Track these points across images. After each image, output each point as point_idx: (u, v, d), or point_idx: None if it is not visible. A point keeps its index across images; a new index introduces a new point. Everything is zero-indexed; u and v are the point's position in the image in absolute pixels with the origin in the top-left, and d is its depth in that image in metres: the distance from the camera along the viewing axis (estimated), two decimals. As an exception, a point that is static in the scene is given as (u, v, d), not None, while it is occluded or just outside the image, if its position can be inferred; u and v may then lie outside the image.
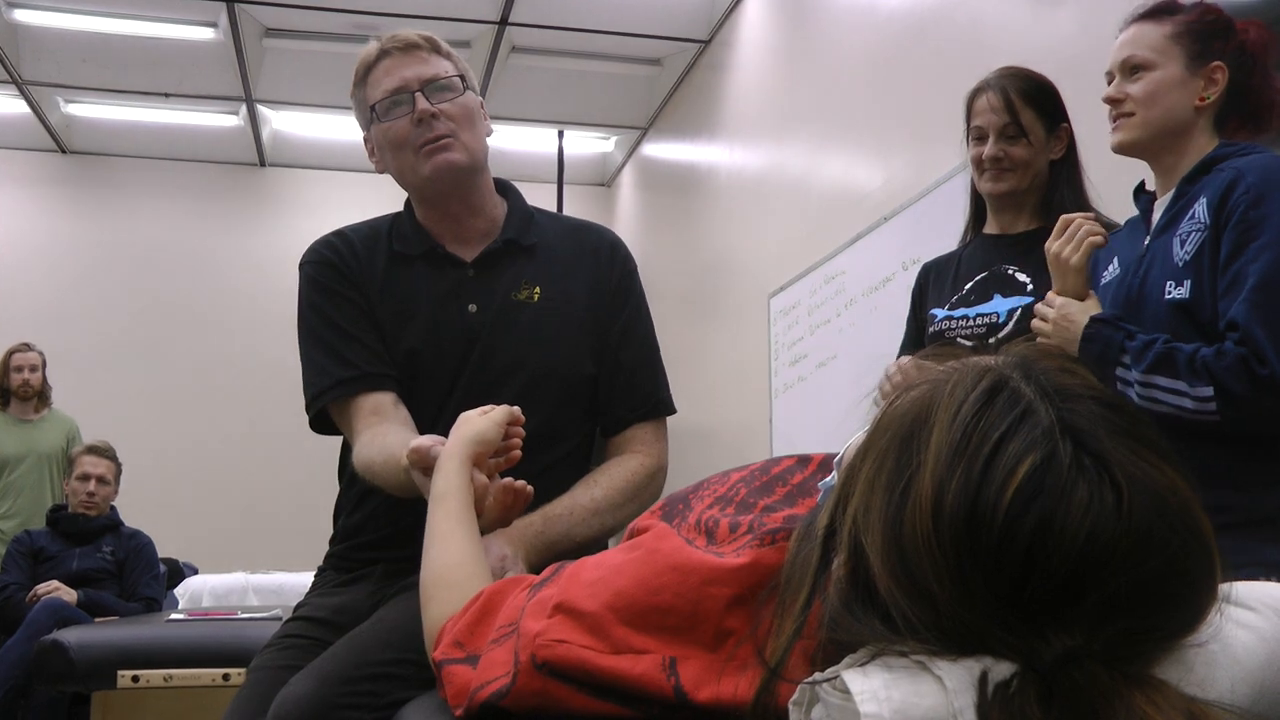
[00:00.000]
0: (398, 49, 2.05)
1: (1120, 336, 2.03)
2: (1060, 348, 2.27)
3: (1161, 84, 2.09)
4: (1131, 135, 2.13)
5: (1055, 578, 0.77)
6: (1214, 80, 2.09)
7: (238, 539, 8.05)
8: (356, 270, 2.10)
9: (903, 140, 4.89)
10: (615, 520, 1.95)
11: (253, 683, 1.91)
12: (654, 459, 2.09)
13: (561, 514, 1.89)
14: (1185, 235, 2.03)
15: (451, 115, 2.04)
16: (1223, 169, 2.03)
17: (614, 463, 2.07)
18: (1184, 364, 1.93)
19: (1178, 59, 2.09)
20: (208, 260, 9.09)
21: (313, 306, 2.11)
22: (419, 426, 2.00)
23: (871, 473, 0.87)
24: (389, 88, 2.04)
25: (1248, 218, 1.93)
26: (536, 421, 2.02)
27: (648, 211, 9.14)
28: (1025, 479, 0.78)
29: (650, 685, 1.01)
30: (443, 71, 2.06)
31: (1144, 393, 1.99)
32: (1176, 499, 0.81)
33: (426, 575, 1.45)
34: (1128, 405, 0.87)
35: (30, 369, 6.06)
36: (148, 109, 8.44)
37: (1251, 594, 0.91)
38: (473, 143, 2.07)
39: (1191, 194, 2.07)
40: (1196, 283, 1.99)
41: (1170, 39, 2.10)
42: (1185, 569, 0.80)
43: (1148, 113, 2.10)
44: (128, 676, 3.45)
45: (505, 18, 7.13)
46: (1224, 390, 1.90)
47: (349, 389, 2.03)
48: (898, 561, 0.82)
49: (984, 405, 0.83)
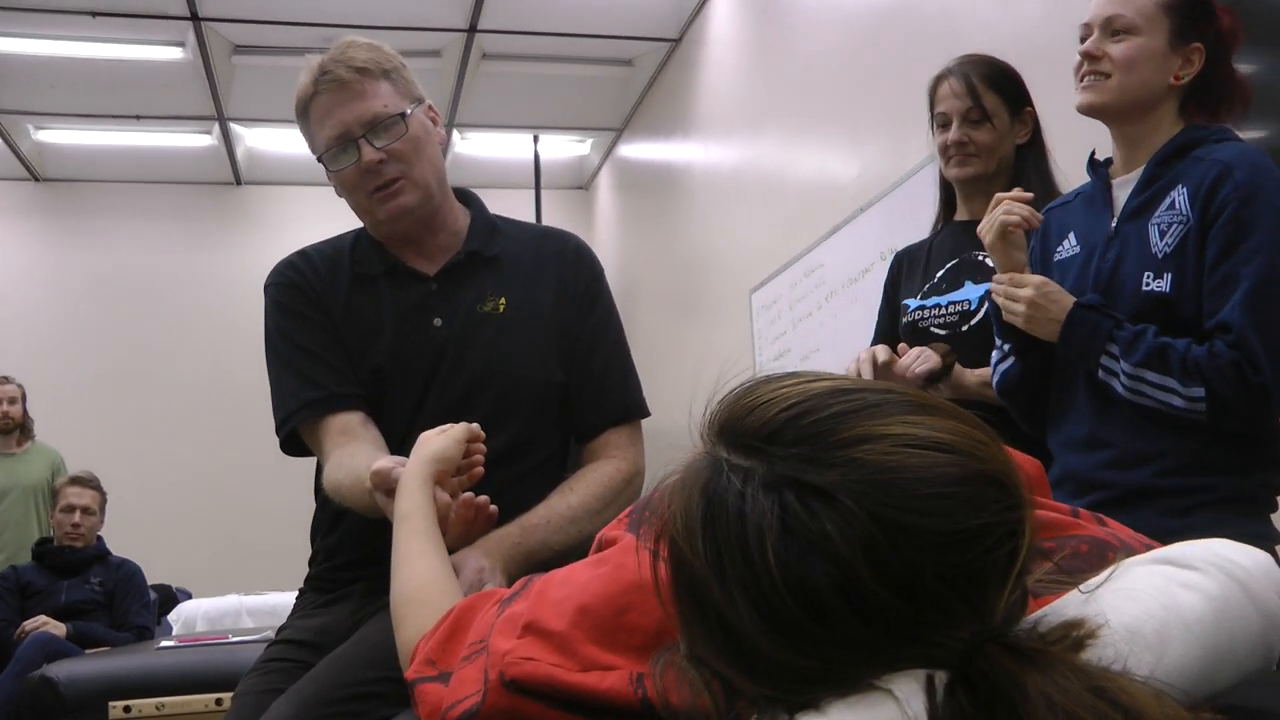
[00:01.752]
0: (330, 88, 1.99)
1: (1109, 325, 1.99)
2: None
3: (1144, 51, 2.04)
4: (1104, 98, 2.07)
5: (879, 605, 0.78)
6: (1191, 61, 2.05)
7: (229, 561, 8.03)
8: (320, 291, 2.08)
9: (876, 130, 4.90)
10: (593, 527, 1.92)
11: (237, 709, 1.90)
12: (629, 463, 2.07)
13: (538, 523, 1.88)
14: (1165, 226, 1.99)
15: (399, 154, 2.00)
16: (1201, 158, 1.99)
17: (589, 469, 2.05)
18: (1177, 362, 1.90)
19: (1164, 31, 2.04)
20: (188, 283, 9.07)
21: (278, 328, 2.10)
22: (389, 443, 1.99)
23: (685, 625, 0.89)
24: (331, 135, 1.99)
25: (1239, 217, 1.90)
26: (509, 432, 2.02)
27: (626, 213, 9.14)
28: (777, 549, 0.79)
29: (618, 699, 1.01)
30: (382, 107, 1.99)
31: (1131, 384, 1.97)
32: (895, 459, 0.80)
33: (396, 596, 1.44)
34: (818, 407, 0.86)
35: (9, 401, 6.04)
36: (120, 132, 8.43)
37: (1193, 553, 0.91)
38: (424, 175, 2.03)
39: (1166, 179, 2.03)
40: (1179, 278, 1.96)
41: (1160, 8, 2.05)
42: (974, 516, 0.79)
43: (1125, 78, 2.05)
44: (119, 707, 3.44)
45: (474, 25, 7.12)
46: (1216, 394, 1.88)
47: (317, 410, 2.02)
48: (769, 668, 0.82)
49: (707, 520, 0.84)
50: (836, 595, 0.77)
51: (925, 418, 0.83)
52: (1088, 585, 0.87)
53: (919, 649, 0.78)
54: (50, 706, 3.47)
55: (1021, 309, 2.08)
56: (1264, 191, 1.91)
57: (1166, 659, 0.82)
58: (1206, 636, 0.85)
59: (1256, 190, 1.91)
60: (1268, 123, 2.74)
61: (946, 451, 0.81)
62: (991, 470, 0.81)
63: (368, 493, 1.73)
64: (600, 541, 1.23)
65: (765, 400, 0.87)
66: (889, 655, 0.78)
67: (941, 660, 0.77)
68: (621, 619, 1.05)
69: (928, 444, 0.81)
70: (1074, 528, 1.08)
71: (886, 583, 0.77)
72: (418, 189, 2.02)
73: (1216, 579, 0.88)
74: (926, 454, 0.80)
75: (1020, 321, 2.09)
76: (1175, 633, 0.83)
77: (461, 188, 2.21)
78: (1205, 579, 0.88)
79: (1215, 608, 0.86)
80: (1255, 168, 1.94)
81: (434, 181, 2.06)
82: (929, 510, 0.78)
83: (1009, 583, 0.80)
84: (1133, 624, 0.83)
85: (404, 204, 2.02)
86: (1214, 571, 0.88)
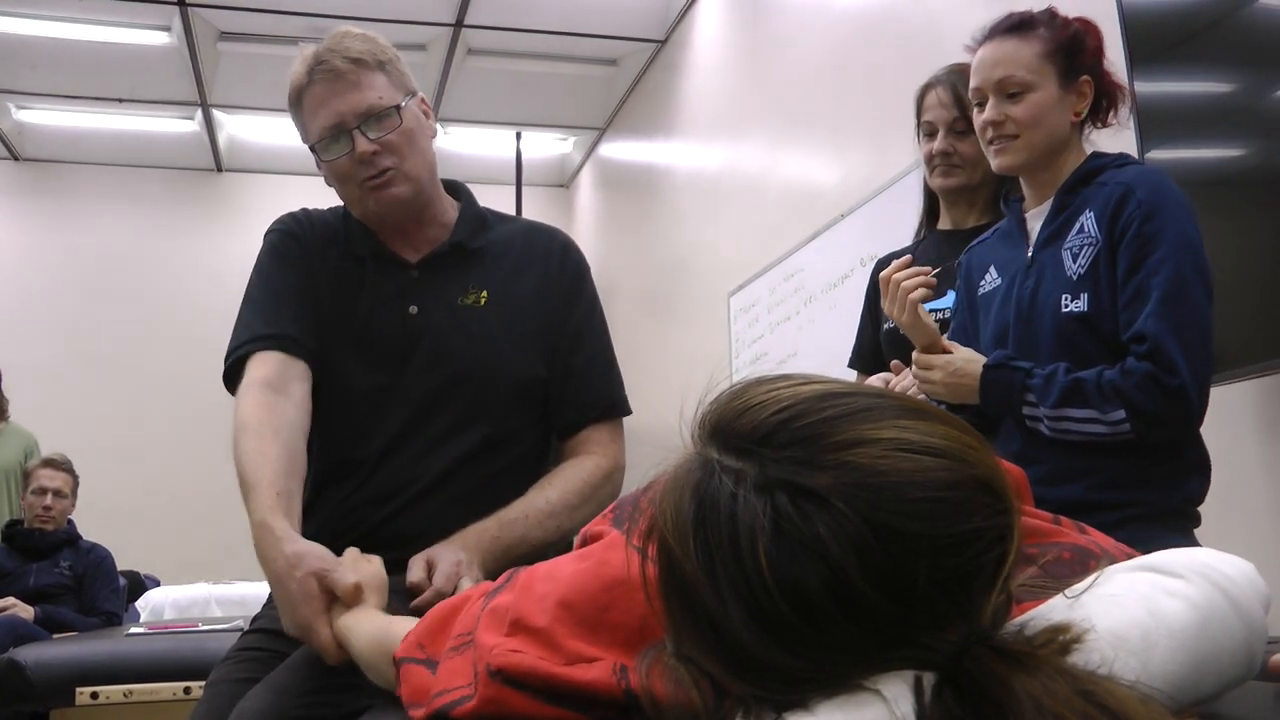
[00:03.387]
0: (325, 78, 1.98)
1: (1020, 377, 2.04)
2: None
3: (1043, 105, 2.09)
4: (1018, 159, 2.12)
5: (869, 606, 0.78)
6: (1084, 94, 2.11)
7: (199, 550, 7.97)
8: (312, 253, 2.09)
9: (859, 137, 4.91)
10: (572, 523, 1.94)
11: (209, 697, 1.88)
12: (610, 459, 2.08)
13: (517, 518, 1.89)
14: (1077, 249, 2.05)
15: (393, 146, 2.00)
16: (1104, 182, 2.06)
17: (569, 465, 2.05)
18: (1092, 392, 1.96)
19: (1053, 77, 2.09)
20: (166, 268, 9.03)
21: (260, 271, 2.09)
22: (358, 429, 2.01)
23: (673, 624, 0.90)
24: (325, 125, 1.99)
25: (1143, 232, 1.97)
26: (488, 425, 2.02)
27: (607, 212, 9.14)
28: (769, 551, 0.80)
29: (602, 690, 1.01)
30: (377, 98, 1.99)
31: (1055, 425, 2.02)
32: (887, 462, 0.81)
33: (373, 660, 1.43)
34: (811, 410, 0.86)
35: (-17, 383, 5.98)
36: (102, 115, 8.37)
37: (1178, 561, 0.92)
38: (416, 168, 2.04)
39: (1074, 206, 2.09)
40: (1094, 296, 2.02)
41: (1043, 59, 2.09)
42: (966, 520, 0.80)
43: (1032, 135, 2.10)
44: (86, 693, 3.43)
45: (461, 20, 7.11)
46: (1136, 409, 1.93)
47: (261, 345, 1.97)
48: (758, 668, 0.83)
49: (698, 521, 0.85)
50: (827, 597, 0.78)
51: (917, 422, 0.84)
52: (1072, 590, 0.88)
53: (908, 650, 0.78)
54: (17, 691, 3.45)
55: (939, 390, 2.15)
56: (1165, 207, 1.98)
57: (1151, 665, 0.83)
58: (1191, 644, 0.86)
59: (1158, 206, 1.98)
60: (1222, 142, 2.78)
61: (938, 456, 0.81)
62: (982, 475, 0.82)
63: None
64: (585, 537, 1.23)
65: (758, 402, 0.87)
66: (878, 656, 0.79)
67: (930, 662, 0.78)
68: (604, 615, 1.06)
69: (920, 448, 0.81)
70: (1056, 534, 1.09)
71: (877, 585, 0.77)
72: (410, 181, 2.03)
73: (1201, 587, 0.89)
74: (919, 458, 0.81)
75: (941, 398, 2.15)
76: (1160, 639, 0.84)
77: (451, 180, 2.22)
78: (1190, 586, 0.89)
79: (1200, 615, 0.87)
80: (1155, 186, 2.01)
81: (425, 174, 2.06)
82: (921, 514, 0.78)
83: (996, 586, 0.81)
84: (1118, 629, 0.84)
85: (396, 195, 2.02)
86: (1198, 579, 0.89)
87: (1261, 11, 2.65)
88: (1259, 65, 2.71)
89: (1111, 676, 0.77)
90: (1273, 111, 2.68)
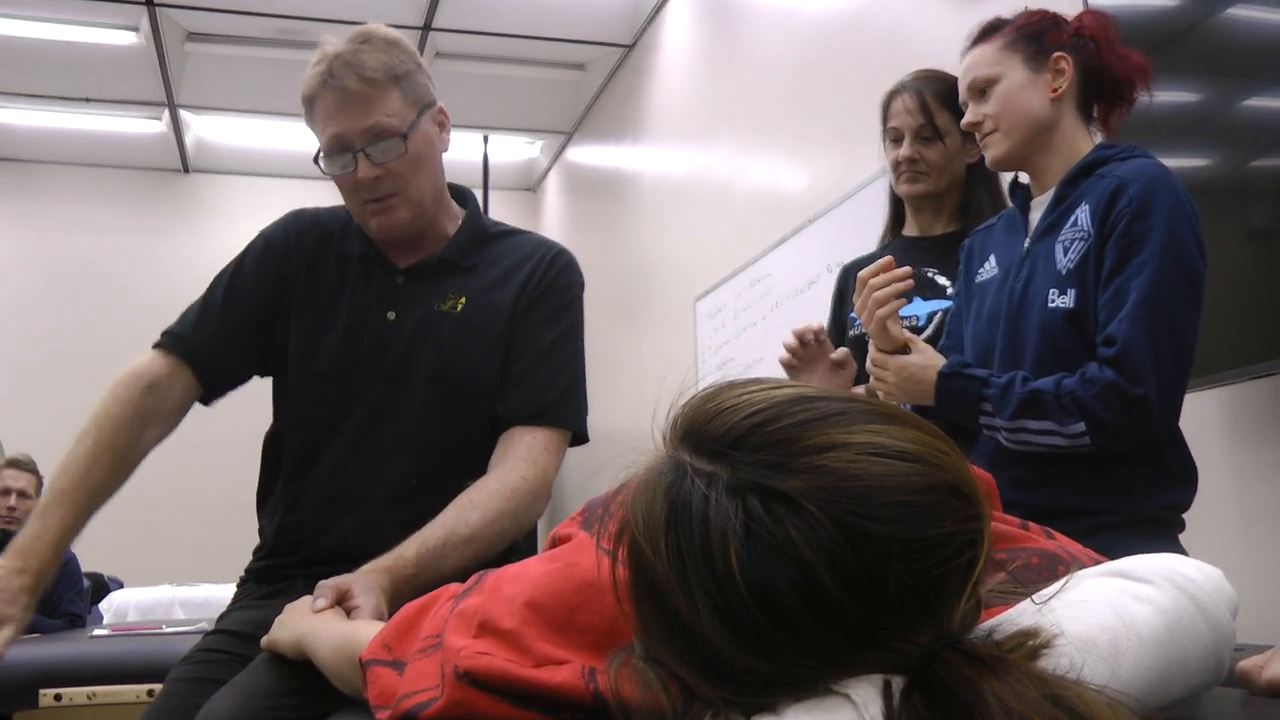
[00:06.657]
0: (334, 93, 1.95)
1: (976, 386, 2.02)
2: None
3: (1008, 91, 2.10)
4: (1003, 148, 2.13)
5: (839, 610, 0.78)
6: (1060, 70, 2.10)
7: (163, 552, 7.92)
8: (297, 263, 2.10)
9: (827, 143, 4.92)
10: (491, 550, 1.85)
11: (167, 694, 1.87)
12: (538, 471, 1.96)
13: (435, 547, 1.79)
14: (1068, 243, 2.02)
15: (396, 172, 1.98)
16: (1104, 175, 2.03)
17: (494, 476, 1.94)
18: (1051, 403, 1.93)
19: (1017, 64, 2.10)
20: (131, 269, 8.96)
21: (230, 270, 2.13)
22: (320, 432, 2.03)
23: (643, 627, 0.89)
24: (329, 137, 1.97)
25: (1131, 231, 1.93)
26: (451, 432, 2.01)
27: (573, 216, 9.14)
28: (741, 553, 0.80)
29: (570, 693, 1.02)
30: (385, 121, 1.95)
31: (1013, 437, 2.00)
32: (859, 466, 0.81)
33: (337, 666, 1.42)
34: (783, 414, 0.86)
35: (-53, 382, 5.93)
36: (68, 114, 8.30)
37: (1146, 567, 0.93)
38: (419, 192, 2.02)
39: (1072, 198, 2.06)
40: (1081, 292, 1.98)
41: (1004, 50, 2.12)
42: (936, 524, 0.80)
43: (1008, 122, 2.11)
44: (50, 695, 3.39)
45: (429, 23, 7.10)
46: (1095, 420, 1.90)
47: (166, 342, 2.08)
48: (728, 671, 0.83)
49: (670, 524, 0.85)
50: (798, 600, 0.78)
51: (889, 426, 0.84)
52: (1041, 596, 0.89)
53: (877, 654, 0.79)
54: (-20, 692, 3.42)
55: (894, 392, 2.14)
56: (1158, 205, 1.93)
57: (1120, 670, 0.84)
58: (1159, 649, 0.87)
59: (1149, 204, 1.93)
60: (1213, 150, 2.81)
61: (910, 460, 0.81)
62: (953, 480, 0.82)
63: None
64: (554, 539, 1.23)
65: (730, 405, 0.88)
66: (848, 660, 0.79)
67: (899, 665, 0.78)
68: (573, 618, 1.06)
69: (892, 453, 0.82)
70: (1024, 540, 1.11)
71: (848, 588, 0.78)
72: (411, 206, 2.02)
73: (1168, 592, 0.90)
74: (890, 462, 0.81)
75: (898, 400, 2.13)
76: (1128, 645, 0.85)
77: (460, 186, 2.19)
78: (1158, 592, 0.90)
79: (1167, 621, 0.88)
80: (1151, 182, 1.96)
81: (429, 197, 2.05)
82: (892, 518, 0.79)
83: (966, 591, 0.81)
84: (1087, 635, 0.84)
85: (395, 220, 2.01)
86: (1166, 585, 0.90)
87: (1228, 22, 2.68)
88: (1226, 75, 2.73)
89: (1080, 681, 0.78)
90: (1239, 121, 2.70)
